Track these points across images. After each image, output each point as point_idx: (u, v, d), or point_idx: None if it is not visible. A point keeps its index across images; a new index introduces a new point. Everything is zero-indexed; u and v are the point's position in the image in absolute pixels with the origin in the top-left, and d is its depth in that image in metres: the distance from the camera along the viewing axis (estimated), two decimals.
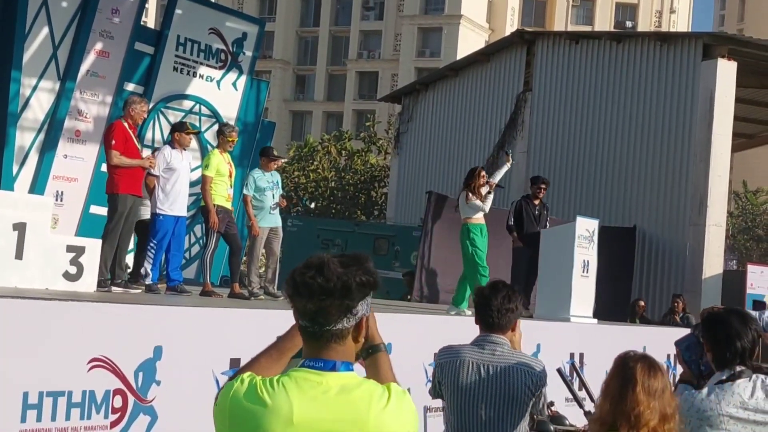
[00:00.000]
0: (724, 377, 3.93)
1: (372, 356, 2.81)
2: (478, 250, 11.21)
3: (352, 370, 2.58)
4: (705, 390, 3.93)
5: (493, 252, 11.75)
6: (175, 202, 9.80)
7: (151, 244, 9.78)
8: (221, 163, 10.13)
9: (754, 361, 4.06)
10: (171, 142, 10.06)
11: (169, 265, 9.86)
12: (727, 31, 36.14)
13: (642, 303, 17.57)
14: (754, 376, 3.94)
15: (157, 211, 9.77)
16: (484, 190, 11.42)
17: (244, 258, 11.04)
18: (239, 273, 10.60)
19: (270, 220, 10.55)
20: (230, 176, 10.28)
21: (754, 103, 22.08)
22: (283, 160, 10.81)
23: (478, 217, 11.40)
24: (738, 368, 3.94)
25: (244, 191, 10.60)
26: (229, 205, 10.27)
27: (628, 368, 3.50)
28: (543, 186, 12.91)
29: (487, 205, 11.47)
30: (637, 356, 3.56)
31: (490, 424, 4.45)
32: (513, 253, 12.71)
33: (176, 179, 9.80)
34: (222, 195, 10.13)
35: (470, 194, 11.37)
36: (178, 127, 10.28)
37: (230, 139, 10.30)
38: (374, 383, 2.60)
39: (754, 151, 33.95)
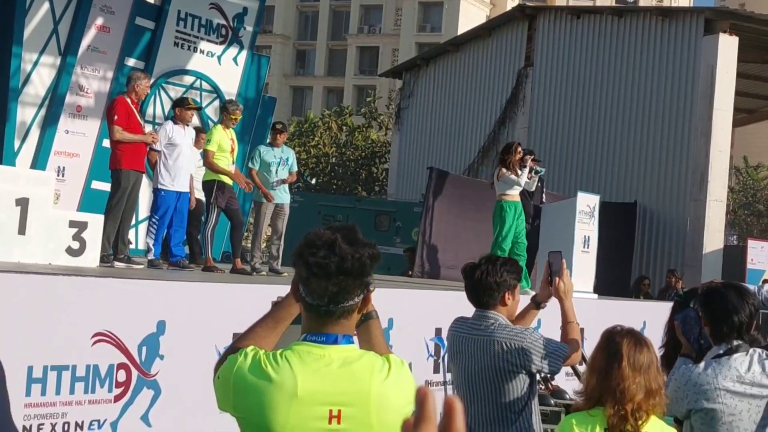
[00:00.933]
0: (722, 351, 3.96)
1: (364, 323, 2.84)
2: (503, 229, 10.92)
3: (353, 342, 2.63)
4: (702, 364, 3.95)
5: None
6: (177, 177, 9.84)
7: (153, 220, 9.83)
8: (223, 139, 10.15)
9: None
10: (173, 117, 10.09)
11: (171, 240, 9.91)
12: (729, 6, 35.96)
13: (647, 281, 17.55)
14: (751, 350, 3.96)
15: (159, 186, 9.80)
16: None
17: (246, 233, 11.05)
18: (241, 248, 10.62)
19: (274, 196, 10.52)
20: (232, 152, 10.30)
21: (756, 78, 21.99)
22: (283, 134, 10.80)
23: (513, 194, 11.08)
24: (735, 342, 3.95)
25: (249, 164, 10.59)
26: (230, 181, 10.29)
27: (615, 343, 3.51)
28: (528, 158, 12.77)
29: (523, 179, 11.09)
30: (624, 331, 3.57)
31: (480, 396, 4.49)
32: None
33: (178, 155, 9.84)
34: None
35: (504, 169, 11.06)
36: (179, 103, 10.32)
37: (233, 117, 10.32)
38: (374, 355, 2.65)
39: (755, 127, 33.82)
